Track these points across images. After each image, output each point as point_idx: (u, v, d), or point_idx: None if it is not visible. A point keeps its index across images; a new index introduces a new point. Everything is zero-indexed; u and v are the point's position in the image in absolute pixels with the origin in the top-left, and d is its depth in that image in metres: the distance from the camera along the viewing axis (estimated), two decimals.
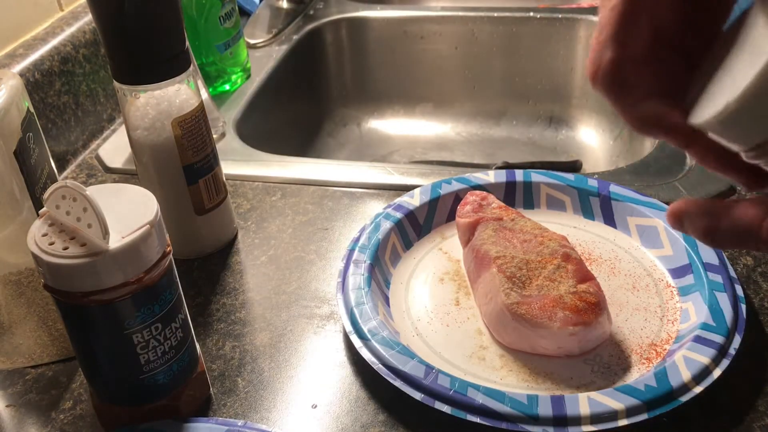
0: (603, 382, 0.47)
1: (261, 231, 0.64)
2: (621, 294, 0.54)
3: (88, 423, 0.48)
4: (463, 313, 0.54)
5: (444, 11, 1.04)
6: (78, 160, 0.77)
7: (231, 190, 0.69)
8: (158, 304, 0.42)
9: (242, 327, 0.54)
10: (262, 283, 0.58)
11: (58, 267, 0.38)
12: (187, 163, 0.57)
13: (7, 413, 0.49)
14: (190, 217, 0.59)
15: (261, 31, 1.01)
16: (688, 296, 0.52)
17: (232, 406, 0.48)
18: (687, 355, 0.46)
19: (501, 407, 0.43)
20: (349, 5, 1.08)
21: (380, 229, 0.58)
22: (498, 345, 0.51)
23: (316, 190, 0.69)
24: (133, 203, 0.42)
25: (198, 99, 0.56)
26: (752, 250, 0.36)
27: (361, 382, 0.49)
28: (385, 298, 0.55)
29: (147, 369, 0.43)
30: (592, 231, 0.60)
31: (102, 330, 0.41)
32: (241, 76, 0.90)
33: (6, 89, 0.47)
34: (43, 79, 0.72)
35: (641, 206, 0.59)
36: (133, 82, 0.54)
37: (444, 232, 0.61)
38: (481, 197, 0.59)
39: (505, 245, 0.53)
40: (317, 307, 0.56)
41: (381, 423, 0.46)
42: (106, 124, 0.82)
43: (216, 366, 0.51)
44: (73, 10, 0.81)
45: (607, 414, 0.43)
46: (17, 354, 0.52)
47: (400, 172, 0.70)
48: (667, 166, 0.68)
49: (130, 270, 0.40)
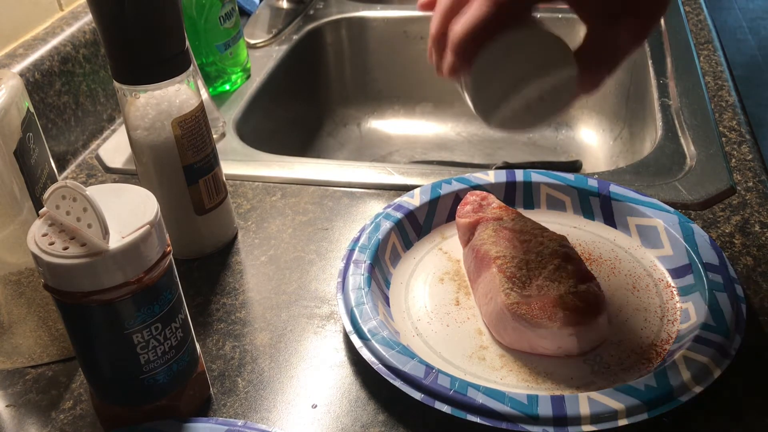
0: (603, 382, 0.47)
1: (261, 231, 0.64)
2: (621, 294, 0.54)
3: (88, 423, 0.48)
4: (463, 313, 0.54)
5: None
6: (78, 160, 0.77)
7: (231, 190, 0.69)
8: (158, 304, 0.42)
9: (242, 327, 0.54)
10: (262, 283, 0.58)
11: (58, 267, 0.38)
12: (187, 163, 0.57)
13: (7, 413, 0.49)
14: (190, 217, 0.59)
15: (261, 31, 1.01)
16: (688, 296, 0.52)
17: (232, 406, 0.48)
18: (687, 355, 0.46)
19: (501, 407, 0.43)
20: (349, 5, 1.08)
21: (380, 229, 0.58)
22: (498, 345, 0.51)
23: (316, 190, 0.69)
24: (133, 203, 0.42)
25: (198, 99, 0.56)
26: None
27: (361, 382, 0.49)
28: (385, 298, 0.55)
29: (147, 369, 0.43)
30: (592, 231, 0.60)
31: (102, 330, 0.41)
32: (241, 76, 0.90)
33: (6, 89, 0.47)
34: (43, 79, 0.72)
35: (641, 206, 0.59)
36: (133, 82, 0.54)
37: (444, 232, 0.61)
38: (481, 197, 0.59)
39: (505, 245, 0.53)
40: (317, 307, 0.56)
41: (381, 423, 0.46)
42: (106, 124, 0.82)
43: (216, 366, 0.51)
44: (73, 10, 0.81)
45: (607, 414, 0.43)
46: (17, 354, 0.52)
47: (400, 172, 0.70)
48: (667, 166, 0.68)
49: (130, 270, 0.40)
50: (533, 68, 0.42)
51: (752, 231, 0.59)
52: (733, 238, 0.59)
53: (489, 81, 0.42)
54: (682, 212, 0.61)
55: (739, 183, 0.64)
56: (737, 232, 0.59)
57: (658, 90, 0.80)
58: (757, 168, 0.66)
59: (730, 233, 0.59)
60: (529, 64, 0.42)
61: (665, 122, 0.74)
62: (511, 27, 0.41)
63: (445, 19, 0.43)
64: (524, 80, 0.42)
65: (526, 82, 0.42)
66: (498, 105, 0.43)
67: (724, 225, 0.60)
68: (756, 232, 0.59)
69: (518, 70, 0.42)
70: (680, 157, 0.69)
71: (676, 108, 0.76)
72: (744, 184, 0.64)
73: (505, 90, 0.43)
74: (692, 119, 0.74)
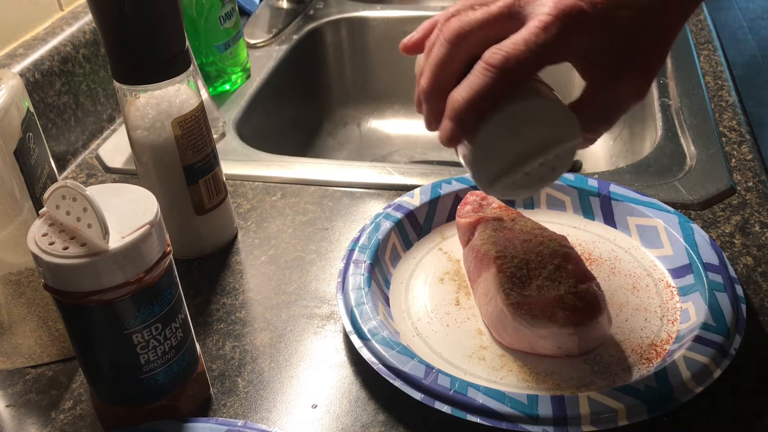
0: (603, 382, 0.47)
1: (261, 231, 0.64)
2: (621, 294, 0.54)
3: (88, 423, 0.48)
4: (463, 313, 0.54)
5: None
6: (78, 160, 0.77)
7: (231, 190, 0.69)
8: (158, 304, 0.42)
9: (242, 327, 0.54)
10: (262, 283, 0.58)
11: (58, 267, 0.38)
12: (187, 163, 0.57)
13: (7, 413, 0.49)
14: (190, 217, 0.59)
15: (261, 31, 1.01)
16: (688, 296, 0.52)
17: (232, 406, 0.48)
18: (687, 355, 0.46)
19: (501, 407, 0.43)
20: (349, 5, 1.08)
21: (380, 229, 0.58)
22: (498, 345, 0.51)
23: (316, 190, 0.69)
24: (133, 203, 0.42)
25: (198, 99, 0.56)
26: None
27: (361, 382, 0.49)
28: (385, 298, 0.55)
29: (147, 369, 0.43)
30: (592, 231, 0.60)
31: (102, 330, 0.41)
32: (241, 76, 0.90)
33: (6, 89, 0.47)
34: (43, 79, 0.72)
35: (641, 206, 0.59)
36: (133, 82, 0.54)
37: (444, 232, 0.61)
38: (481, 197, 0.59)
39: (505, 245, 0.53)
40: (317, 307, 0.56)
41: (381, 423, 0.46)
42: (106, 124, 0.82)
43: (216, 366, 0.51)
44: (73, 10, 0.81)
45: (607, 414, 0.43)
46: (17, 354, 0.52)
47: (400, 172, 0.70)
48: (667, 166, 0.68)
49: (130, 270, 0.40)
50: (540, 144, 0.41)
51: (752, 231, 0.59)
52: (733, 238, 0.59)
53: (492, 156, 0.41)
54: (682, 212, 0.61)
55: (739, 183, 0.64)
56: (737, 232, 0.59)
57: (658, 90, 0.80)
58: (757, 168, 0.66)
59: (730, 233, 0.59)
60: (535, 139, 0.41)
61: (665, 122, 0.74)
62: (515, 93, 0.39)
63: (438, 73, 0.42)
64: (530, 155, 0.41)
65: (532, 157, 0.41)
66: (499, 177, 0.42)
67: (724, 225, 0.60)
68: (756, 232, 0.59)
69: (524, 145, 0.41)
70: (680, 157, 0.69)
71: (676, 108, 0.76)
72: (744, 184, 0.64)
73: (510, 164, 0.41)
74: (692, 119, 0.74)
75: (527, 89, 0.40)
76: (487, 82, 0.39)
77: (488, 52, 0.39)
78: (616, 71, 0.40)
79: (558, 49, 0.39)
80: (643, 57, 0.40)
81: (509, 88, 0.39)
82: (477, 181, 0.43)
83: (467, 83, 0.40)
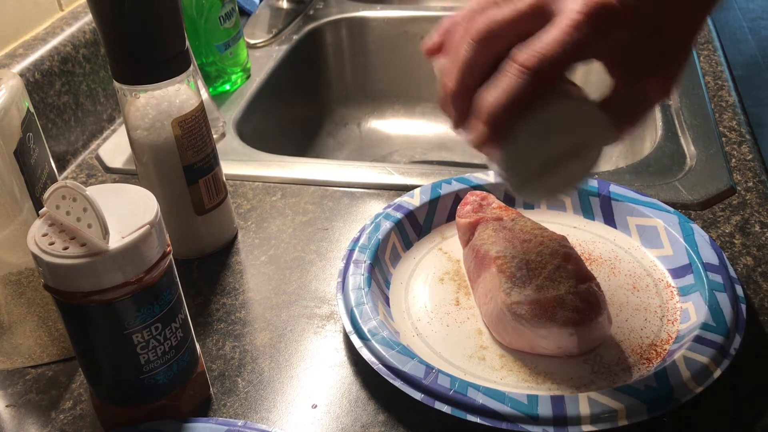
0: (603, 382, 0.47)
1: (261, 231, 0.64)
2: (621, 294, 0.54)
3: (88, 423, 0.48)
4: (463, 313, 0.54)
5: (444, 11, 1.04)
6: (78, 160, 0.77)
7: (231, 190, 0.69)
8: (158, 304, 0.42)
9: (242, 327, 0.54)
10: (262, 283, 0.58)
11: (58, 267, 0.38)
12: (187, 163, 0.57)
13: (7, 413, 0.49)
14: (190, 217, 0.59)
15: (261, 31, 1.01)
16: (688, 296, 0.52)
17: (232, 406, 0.48)
18: (687, 355, 0.46)
19: (501, 407, 0.43)
20: (349, 5, 1.08)
21: (380, 229, 0.58)
22: (498, 345, 0.51)
23: (316, 190, 0.69)
24: (133, 203, 0.42)
25: (198, 99, 0.56)
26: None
27: (361, 382, 0.49)
28: (385, 298, 0.55)
29: (147, 369, 0.43)
30: (592, 231, 0.60)
31: (102, 330, 0.41)
32: (241, 76, 0.90)
33: (6, 89, 0.47)
34: (43, 79, 0.72)
35: (641, 206, 0.59)
36: (133, 82, 0.54)
37: (444, 232, 0.61)
38: (481, 197, 0.59)
39: (505, 245, 0.53)
40: (317, 307, 0.56)
41: (381, 423, 0.46)
42: (106, 124, 0.82)
43: (216, 366, 0.51)
44: (73, 10, 0.81)
45: (607, 414, 0.43)
46: (17, 354, 0.52)
47: (400, 172, 0.70)
48: (667, 166, 0.68)
49: (130, 270, 0.40)
50: (574, 146, 0.41)
51: (752, 231, 0.59)
52: (733, 238, 0.59)
53: (526, 158, 0.41)
54: (682, 212, 0.61)
55: (739, 183, 0.64)
56: (737, 232, 0.59)
57: None
58: (757, 168, 0.66)
59: (730, 233, 0.59)
60: (569, 141, 0.40)
61: (665, 122, 0.74)
62: (547, 95, 0.39)
63: (466, 73, 0.40)
64: (563, 157, 0.41)
65: (565, 159, 0.41)
66: (531, 179, 0.42)
67: (724, 225, 0.60)
68: (756, 232, 0.59)
69: (557, 148, 0.40)
70: (680, 157, 0.69)
71: (676, 108, 0.76)
72: (744, 184, 0.64)
73: (543, 167, 0.41)
74: (692, 119, 0.74)
75: (558, 89, 0.40)
76: (522, 84, 0.38)
77: (521, 54, 0.38)
78: (643, 67, 0.40)
79: (590, 47, 0.38)
80: (669, 52, 0.40)
81: (543, 89, 0.38)
82: (509, 182, 0.42)
83: (502, 86, 0.38)
